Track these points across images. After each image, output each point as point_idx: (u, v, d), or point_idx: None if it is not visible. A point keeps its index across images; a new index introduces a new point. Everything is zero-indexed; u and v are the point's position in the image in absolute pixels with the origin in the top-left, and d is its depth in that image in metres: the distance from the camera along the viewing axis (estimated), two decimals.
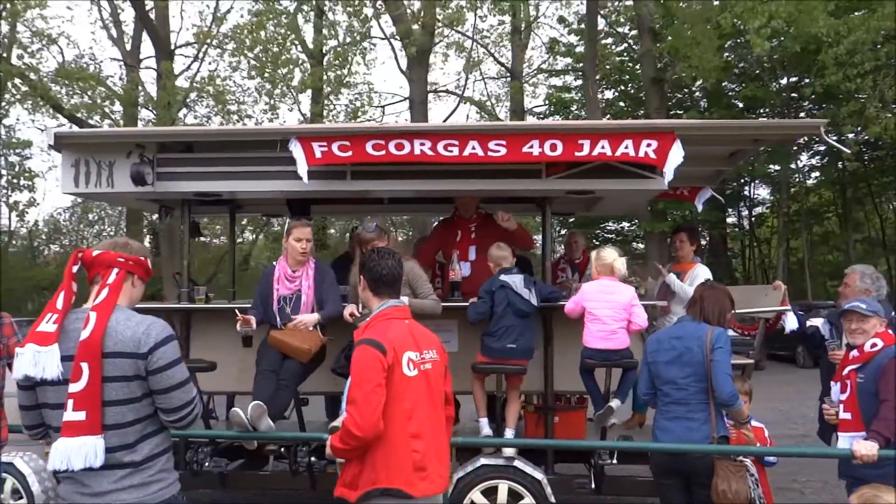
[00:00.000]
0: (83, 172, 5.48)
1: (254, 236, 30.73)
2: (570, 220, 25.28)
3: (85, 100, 19.86)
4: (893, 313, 5.06)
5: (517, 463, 5.07)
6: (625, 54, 25.55)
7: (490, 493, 5.07)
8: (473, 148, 4.94)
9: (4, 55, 18.84)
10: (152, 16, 20.52)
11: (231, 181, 5.51)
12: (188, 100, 22.30)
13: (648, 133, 4.91)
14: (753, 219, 29.32)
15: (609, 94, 27.23)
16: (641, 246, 24.97)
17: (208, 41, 21.24)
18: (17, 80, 18.24)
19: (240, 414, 4.31)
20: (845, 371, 4.32)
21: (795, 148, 24.80)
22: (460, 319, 5.52)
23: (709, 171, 6.83)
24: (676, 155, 4.84)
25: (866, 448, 3.76)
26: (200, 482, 5.59)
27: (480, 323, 5.16)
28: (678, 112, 24.21)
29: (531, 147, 4.91)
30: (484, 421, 5.20)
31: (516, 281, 5.12)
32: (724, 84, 24.36)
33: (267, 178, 5.44)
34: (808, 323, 5.40)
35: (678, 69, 17.15)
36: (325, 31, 20.27)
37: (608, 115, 24.79)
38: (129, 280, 2.91)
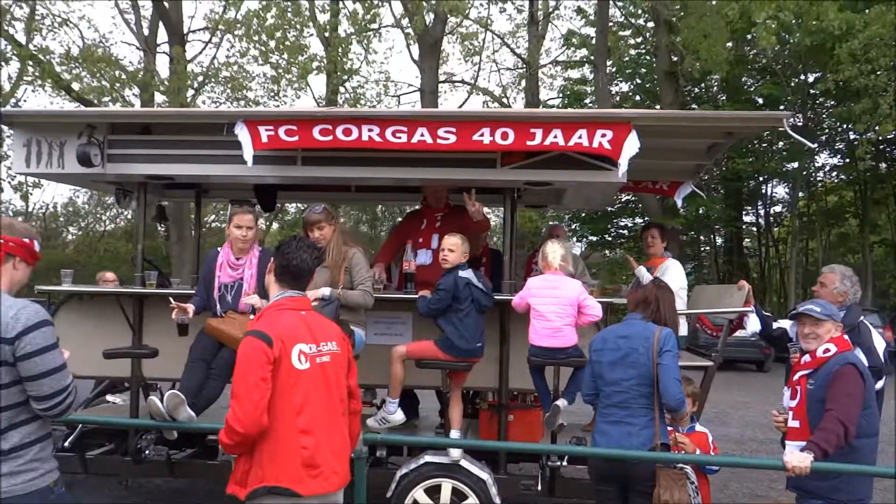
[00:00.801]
0: (34, 152, 5.38)
1: (268, 223, 30.77)
2: (582, 214, 25.03)
3: (103, 83, 19.92)
4: (862, 318, 4.83)
5: (463, 462, 4.90)
6: (641, 47, 25.13)
7: (434, 492, 4.92)
8: (422, 135, 4.76)
9: (15, 37, 18.95)
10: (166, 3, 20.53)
11: (183, 165, 5.37)
12: (204, 86, 22.35)
13: (603, 123, 4.69)
14: (771, 218, 28.75)
15: (625, 87, 26.83)
16: None
17: (220, 27, 21.23)
18: (28, 63, 18.33)
19: (156, 403, 4.18)
20: (796, 376, 4.11)
21: (816, 145, 24.27)
22: (415, 311, 5.35)
23: (689, 166, 6.60)
24: (632, 146, 4.61)
25: (798, 459, 3.53)
26: (146, 470, 5.52)
27: (432, 316, 4.99)
28: (693, 107, 23.78)
29: (482, 135, 4.73)
30: (395, 403, 5.02)
31: (473, 276, 4.94)
32: (744, 79, 23.90)
33: (219, 161, 5.31)
34: (776, 325, 5.16)
35: (685, 62, 16.78)
36: (340, 16, 20.21)
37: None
38: (9, 262, 2.81)
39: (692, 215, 23.37)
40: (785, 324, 5.23)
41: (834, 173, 26.10)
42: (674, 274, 5.77)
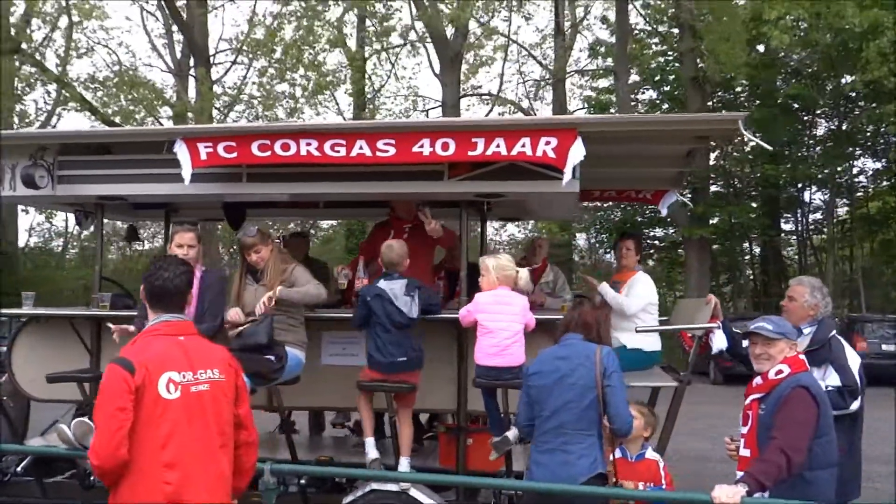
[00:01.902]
0: None
1: None
2: (608, 226, 24.52)
3: (131, 107, 20.33)
4: (834, 332, 4.46)
5: (411, 491, 4.67)
6: (668, 54, 24.64)
7: None
8: (361, 148, 4.59)
9: (44, 62, 19.51)
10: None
11: (134, 184, 5.30)
12: (232, 107, 22.69)
13: (547, 130, 4.46)
14: (811, 225, 27.73)
15: (653, 95, 26.31)
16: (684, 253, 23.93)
17: (243, 48, 21.56)
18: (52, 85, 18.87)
19: (65, 430, 4.03)
20: (748, 400, 3.78)
21: (857, 150, 23.37)
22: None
23: (670, 173, 6.31)
24: (577, 153, 4.36)
25: (727, 495, 3.17)
26: (95, 495, 5.41)
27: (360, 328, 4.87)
28: (723, 113, 23.15)
29: (421, 146, 4.53)
30: (370, 441, 4.82)
31: (395, 288, 4.71)
32: (775, 83, 23.21)
33: (169, 180, 5.17)
34: (745, 343, 4.80)
35: (707, 66, 16.30)
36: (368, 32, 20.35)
37: None
38: None
39: (724, 224, 22.71)
40: None
41: (878, 179, 25.05)
42: (642, 289, 5.46)
